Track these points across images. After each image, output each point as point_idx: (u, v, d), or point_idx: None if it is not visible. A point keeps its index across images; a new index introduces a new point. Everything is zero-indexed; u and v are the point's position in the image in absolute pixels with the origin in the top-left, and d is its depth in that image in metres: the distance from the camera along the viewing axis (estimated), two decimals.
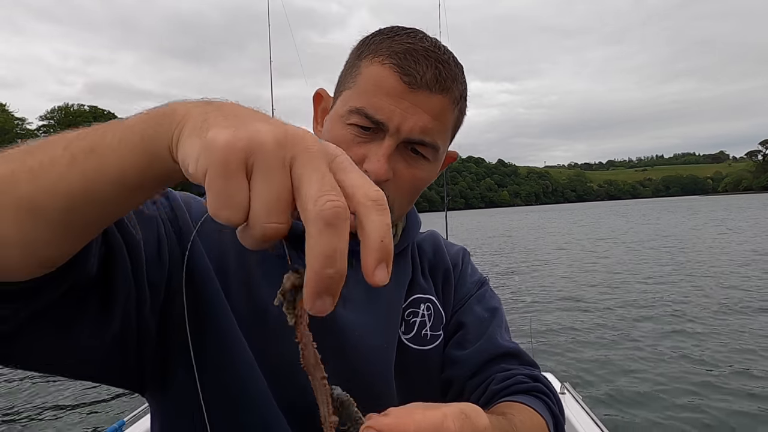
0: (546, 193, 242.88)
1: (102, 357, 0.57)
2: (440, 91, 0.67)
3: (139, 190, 0.41)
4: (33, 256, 0.42)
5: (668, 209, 61.26)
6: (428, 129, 0.68)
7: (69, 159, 0.40)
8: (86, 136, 0.41)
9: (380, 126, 0.67)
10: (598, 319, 7.94)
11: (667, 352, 6.16)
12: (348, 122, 0.67)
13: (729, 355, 5.88)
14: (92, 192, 0.40)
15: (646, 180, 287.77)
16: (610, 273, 12.75)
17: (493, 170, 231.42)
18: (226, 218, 0.32)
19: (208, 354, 0.64)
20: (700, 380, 5.22)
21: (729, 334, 6.72)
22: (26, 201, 0.40)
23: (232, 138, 0.31)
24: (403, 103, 0.65)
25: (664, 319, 7.76)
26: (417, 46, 0.67)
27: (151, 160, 0.38)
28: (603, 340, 6.79)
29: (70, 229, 0.42)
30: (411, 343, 0.75)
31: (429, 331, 0.76)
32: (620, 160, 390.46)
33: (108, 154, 0.39)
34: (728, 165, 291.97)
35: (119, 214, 0.45)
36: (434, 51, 0.68)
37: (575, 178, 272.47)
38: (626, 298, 9.46)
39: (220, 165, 0.31)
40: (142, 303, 0.58)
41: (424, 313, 0.77)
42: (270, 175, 0.31)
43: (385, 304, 0.75)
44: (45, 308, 0.49)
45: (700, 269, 12.31)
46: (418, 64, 0.66)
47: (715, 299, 8.82)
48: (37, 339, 0.51)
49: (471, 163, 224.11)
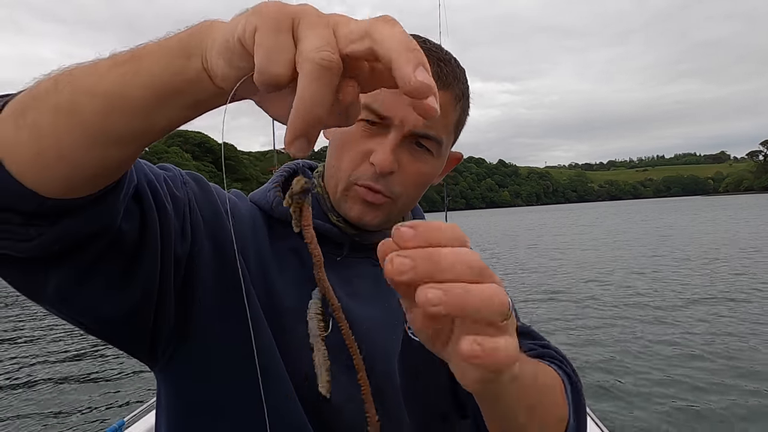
0: (547, 194, 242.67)
1: (120, 310, 0.60)
2: (442, 87, 0.70)
3: (167, 100, 0.42)
4: (67, 163, 0.44)
5: (670, 209, 61.17)
6: (432, 123, 0.71)
7: (110, 63, 0.43)
8: (132, 48, 0.44)
9: (385, 120, 0.70)
10: (598, 319, 7.93)
11: (668, 351, 6.16)
12: (358, 119, 0.71)
13: (730, 355, 5.88)
14: (127, 96, 0.42)
15: (647, 180, 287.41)
16: (610, 272, 12.75)
17: (494, 170, 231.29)
18: (276, 74, 0.35)
19: (231, 324, 0.67)
20: (700, 380, 5.21)
21: (731, 334, 6.71)
22: (65, 102, 0.43)
23: (281, 3, 0.36)
24: (406, 98, 0.62)
25: (665, 318, 7.76)
26: (419, 44, 0.78)
27: (183, 65, 0.41)
28: (603, 340, 6.78)
29: (104, 136, 0.44)
30: (415, 336, 0.74)
31: None
32: (621, 161, 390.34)
33: (146, 57, 0.42)
34: (729, 165, 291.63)
35: (148, 132, 0.45)
36: (435, 50, 0.72)
37: (576, 178, 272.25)
38: (626, 298, 9.46)
39: (273, 20, 0.35)
40: (166, 266, 0.61)
41: None
42: (316, 28, 0.35)
43: (392, 297, 0.75)
44: (72, 248, 0.51)
45: (701, 269, 12.30)
46: None
47: (719, 299, 8.81)
48: (68, 279, 0.54)
49: (472, 163, 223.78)
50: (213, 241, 0.68)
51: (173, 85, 0.42)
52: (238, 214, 0.75)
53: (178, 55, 0.41)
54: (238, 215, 0.75)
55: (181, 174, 0.70)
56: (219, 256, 0.68)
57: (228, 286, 0.68)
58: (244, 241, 0.73)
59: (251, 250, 0.74)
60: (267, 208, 0.78)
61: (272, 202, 0.78)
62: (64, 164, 0.44)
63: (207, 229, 0.68)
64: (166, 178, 0.64)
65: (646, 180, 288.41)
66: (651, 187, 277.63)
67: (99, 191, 0.49)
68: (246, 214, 0.77)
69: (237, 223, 0.73)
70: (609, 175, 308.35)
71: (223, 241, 0.69)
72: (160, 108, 0.43)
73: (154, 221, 0.59)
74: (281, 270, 0.73)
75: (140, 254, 0.58)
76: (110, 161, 0.46)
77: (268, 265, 0.74)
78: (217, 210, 0.70)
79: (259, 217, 0.78)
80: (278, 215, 0.76)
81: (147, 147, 0.48)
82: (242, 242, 0.72)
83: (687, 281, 10.79)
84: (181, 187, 0.67)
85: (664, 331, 7.06)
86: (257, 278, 0.72)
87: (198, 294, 0.66)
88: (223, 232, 0.69)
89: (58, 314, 0.58)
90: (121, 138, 0.44)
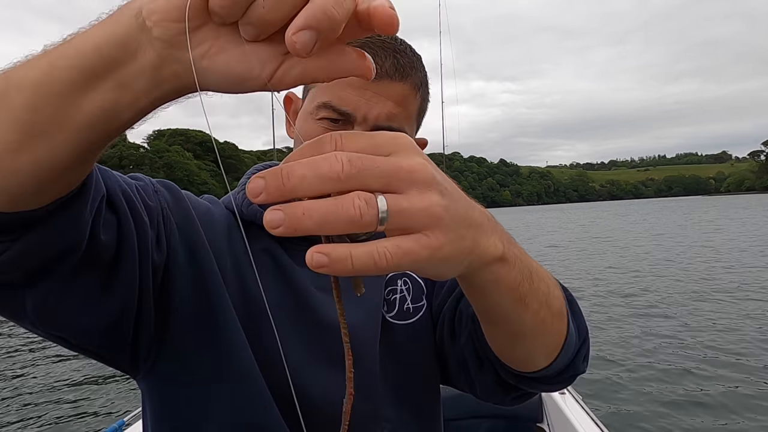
0: (548, 193, 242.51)
1: (100, 323, 0.59)
2: (401, 78, 0.72)
3: (95, 79, 0.38)
4: (8, 165, 0.40)
5: (670, 209, 61.12)
6: (393, 115, 0.72)
7: (41, 52, 0.40)
8: None
9: (347, 117, 0.71)
10: (598, 319, 7.93)
11: (668, 351, 6.15)
12: (317, 117, 0.73)
13: (733, 355, 5.87)
14: (55, 78, 0.38)
15: (648, 180, 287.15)
16: (610, 271, 12.74)
17: (495, 170, 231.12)
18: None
19: (207, 331, 0.67)
20: (701, 379, 5.21)
21: (733, 335, 6.70)
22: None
23: None
24: (366, 93, 0.70)
25: (666, 318, 7.75)
26: (374, 39, 0.71)
27: (114, 30, 0.37)
28: (603, 340, 6.77)
29: (32, 133, 0.40)
30: (395, 320, 0.78)
31: (410, 304, 0.78)
32: (622, 160, 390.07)
33: (74, 38, 0.39)
34: (731, 165, 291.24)
35: (79, 125, 0.40)
36: (390, 42, 0.73)
37: (577, 177, 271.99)
38: (626, 297, 9.45)
39: None
40: (144, 277, 0.61)
41: (402, 288, 0.80)
42: None
43: (374, 292, 0.78)
44: (47, 262, 0.50)
45: (704, 269, 12.29)
46: (376, 55, 0.69)
47: (723, 299, 8.80)
48: (44, 296, 0.53)
49: (473, 162, 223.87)
50: (188, 248, 0.68)
51: (102, 56, 0.38)
52: (211, 220, 0.74)
53: (107, 24, 0.38)
54: (212, 221, 0.74)
55: (152, 183, 0.69)
56: (194, 264, 0.68)
57: (205, 294, 0.67)
58: (219, 247, 0.72)
59: (227, 255, 0.73)
60: (237, 210, 0.77)
61: (240, 204, 0.77)
62: (8, 169, 0.41)
63: (182, 237, 0.68)
64: (138, 188, 0.63)
65: (648, 180, 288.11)
66: (652, 186, 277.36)
67: (53, 203, 0.46)
68: (221, 219, 0.76)
69: (210, 230, 0.72)
70: (610, 174, 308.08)
71: (197, 249, 0.68)
72: (90, 88, 0.38)
73: (131, 232, 0.58)
74: (257, 273, 0.72)
75: (118, 266, 0.57)
76: (44, 165, 0.42)
77: (245, 269, 0.73)
78: (190, 217, 0.70)
79: (234, 221, 0.77)
80: (247, 217, 0.76)
81: (98, 155, 0.44)
82: (217, 248, 0.72)
83: (691, 280, 10.77)
84: (153, 195, 0.66)
85: (666, 329, 7.05)
86: (233, 284, 0.71)
87: (175, 303, 0.66)
88: (197, 239, 0.69)
89: (40, 332, 0.57)
90: (48, 132, 0.40)
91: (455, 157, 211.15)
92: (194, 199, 0.75)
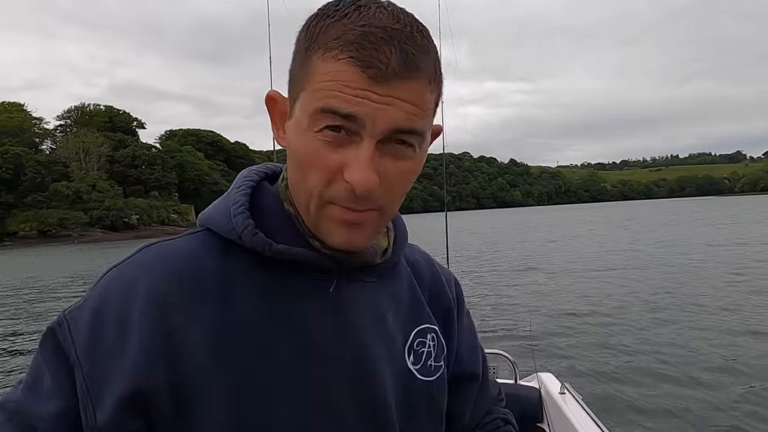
0: (559, 193, 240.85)
1: None
2: (413, 75, 0.56)
3: None
4: None
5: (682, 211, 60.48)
6: (410, 117, 0.57)
7: None
8: None
9: (355, 121, 0.55)
10: (599, 318, 7.91)
11: (669, 351, 6.13)
12: (316, 130, 0.57)
13: (734, 355, 5.84)
14: None
15: (661, 180, 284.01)
16: (610, 271, 12.68)
17: (506, 170, 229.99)
18: None
19: None
20: (702, 379, 5.19)
21: (735, 334, 6.66)
22: None
23: None
24: (372, 96, 0.55)
25: (666, 317, 7.72)
26: (372, 26, 0.55)
27: None
28: (603, 340, 6.77)
29: None
30: (419, 374, 0.73)
31: (433, 362, 0.75)
32: (634, 160, 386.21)
33: None
34: (745, 165, 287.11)
35: None
36: (393, 27, 0.55)
37: (588, 178, 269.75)
38: (627, 297, 9.42)
39: None
40: None
41: (430, 344, 0.75)
42: None
43: (388, 330, 0.70)
44: None
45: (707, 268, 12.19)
46: (379, 50, 0.54)
47: (724, 299, 8.73)
48: None
49: (483, 162, 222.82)
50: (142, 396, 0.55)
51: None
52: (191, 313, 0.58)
53: None
54: (192, 313, 0.58)
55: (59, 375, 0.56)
56: (167, 401, 0.56)
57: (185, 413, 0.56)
58: (183, 330, 0.57)
59: (198, 328, 0.58)
60: (234, 237, 0.62)
61: (241, 231, 0.62)
62: None
63: (138, 402, 0.54)
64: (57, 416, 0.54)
65: (660, 180, 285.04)
66: (665, 187, 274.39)
67: None
68: (171, 283, 0.59)
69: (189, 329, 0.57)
70: (622, 174, 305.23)
71: (150, 389, 0.55)
72: None
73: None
74: (246, 323, 0.60)
75: None
76: None
77: (225, 333, 0.59)
78: (118, 368, 0.55)
79: (208, 257, 0.62)
80: (252, 245, 0.62)
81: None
82: (180, 334, 0.57)
83: (693, 279, 10.69)
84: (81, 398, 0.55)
85: (666, 329, 7.02)
86: (211, 368, 0.57)
87: None
88: (150, 379, 0.55)
89: None
90: None
91: (465, 157, 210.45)
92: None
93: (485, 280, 13.19)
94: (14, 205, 75.10)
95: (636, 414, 4.55)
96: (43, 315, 11.49)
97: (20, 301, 14.18)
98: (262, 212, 0.64)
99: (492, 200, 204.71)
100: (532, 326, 6.68)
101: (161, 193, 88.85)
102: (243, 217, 0.62)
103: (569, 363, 5.90)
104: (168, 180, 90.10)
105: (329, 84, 0.54)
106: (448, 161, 4.99)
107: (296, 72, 0.60)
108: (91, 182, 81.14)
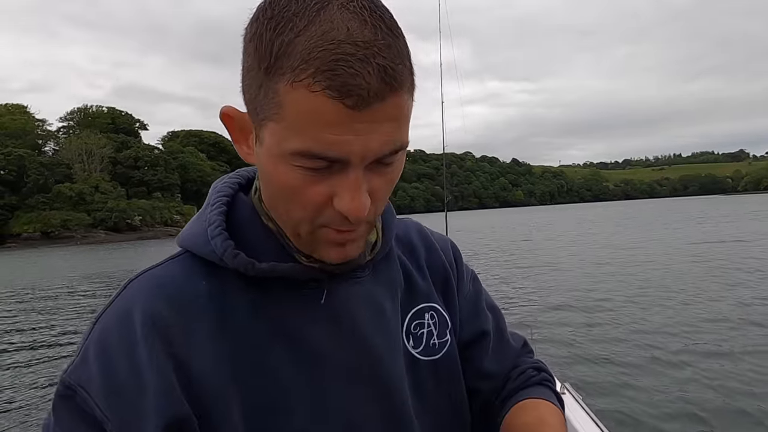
0: (561, 193, 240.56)
1: None
2: (394, 89, 0.51)
3: None
4: None
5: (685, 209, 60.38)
6: (393, 138, 0.53)
7: None
8: None
9: (340, 162, 0.52)
10: (599, 319, 7.90)
11: (669, 351, 6.12)
12: (294, 164, 0.53)
13: (735, 356, 5.83)
14: None
15: (664, 179, 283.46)
16: (611, 271, 12.66)
17: (508, 170, 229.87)
18: None
19: None
20: (702, 380, 5.18)
21: (736, 334, 6.65)
22: None
23: None
24: (355, 126, 0.50)
25: (667, 318, 7.70)
26: (343, 42, 0.48)
27: None
28: (604, 340, 6.76)
29: None
30: (421, 356, 0.73)
31: (436, 339, 0.74)
32: (637, 159, 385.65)
33: None
34: (748, 164, 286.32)
35: None
36: (365, 40, 0.49)
37: (591, 177, 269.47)
38: (629, 297, 9.39)
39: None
40: None
41: (429, 323, 0.75)
42: None
43: (388, 319, 0.70)
44: None
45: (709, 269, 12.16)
46: (357, 75, 0.48)
47: (726, 299, 8.72)
48: None
49: (485, 162, 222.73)
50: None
51: None
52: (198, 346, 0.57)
53: None
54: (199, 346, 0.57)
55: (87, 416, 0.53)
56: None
57: None
58: (187, 354, 0.56)
59: (202, 351, 0.57)
60: (215, 259, 0.60)
61: (222, 254, 0.60)
62: None
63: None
64: None
65: (663, 179, 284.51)
66: (667, 186, 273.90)
67: None
68: (169, 320, 0.57)
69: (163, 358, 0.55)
70: (625, 174, 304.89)
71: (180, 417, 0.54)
72: None
73: None
74: (243, 346, 0.59)
75: None
76: None
77: (228, 356, 0.58)
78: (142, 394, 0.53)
79: (197, 280, 0.60)
80: (235, 266, 0.60)
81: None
82: (186, 358, 0.56)
83: (694, 280, 10.67)
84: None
85: (666, 329, 7.00)
86: (221, 392, 0.56)
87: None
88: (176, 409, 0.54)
89: None
90: None
91: (467, 157, 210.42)
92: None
93: (484, 280, 13.13)
94: (17, 207, 75.37)
95: (636, 414, 4.56)
96: (50, 315, 11.50)
97: (21, 302, 14.21)
98: (241, 228, 0.62)
99: (494, 200, 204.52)
100: (532, 329, 6.68)
101: (164, 195, 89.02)
102: (221, 239, 0.60)
103: (569, 363, 5.89)
104: (170, 181, 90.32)
105: (306, 124, 0.49)
106: (449, 161, 5.00)
107: (256, 94, 0.53)
108: (94, 184, 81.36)
